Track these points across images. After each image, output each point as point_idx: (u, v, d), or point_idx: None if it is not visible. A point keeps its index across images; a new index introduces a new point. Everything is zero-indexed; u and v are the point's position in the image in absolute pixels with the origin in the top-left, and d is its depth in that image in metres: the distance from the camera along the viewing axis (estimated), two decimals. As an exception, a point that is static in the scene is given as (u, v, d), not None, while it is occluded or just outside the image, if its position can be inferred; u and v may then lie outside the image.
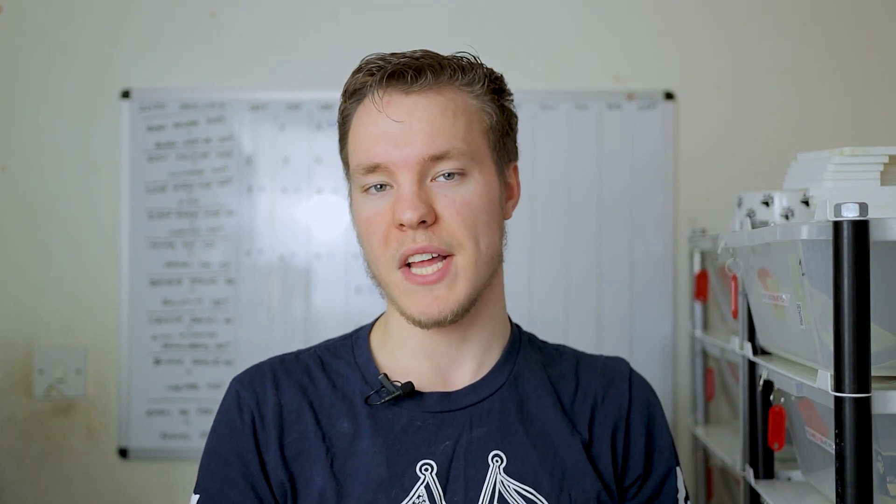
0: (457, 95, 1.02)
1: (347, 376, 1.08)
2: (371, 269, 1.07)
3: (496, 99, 1.06)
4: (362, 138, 1.02)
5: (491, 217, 1.03)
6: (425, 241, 0.98)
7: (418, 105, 1.00)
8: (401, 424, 1.04)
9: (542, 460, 1.04)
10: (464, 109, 1.02)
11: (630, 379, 1.13)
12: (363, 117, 1.02)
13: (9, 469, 2.14)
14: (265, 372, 1.09)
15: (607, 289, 2.15)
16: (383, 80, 1.00)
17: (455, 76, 1.02)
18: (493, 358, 1.10)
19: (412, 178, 0.99)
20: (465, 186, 1.00)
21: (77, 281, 2.16)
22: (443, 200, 1.00)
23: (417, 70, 1.00)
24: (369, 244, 1.03)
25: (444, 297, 1.00)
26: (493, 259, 1.04)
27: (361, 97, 1.03)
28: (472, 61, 1.05)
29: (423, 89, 1.00)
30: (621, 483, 1.08)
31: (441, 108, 1.00)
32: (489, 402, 1.07)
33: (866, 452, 1.04)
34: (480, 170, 1.02)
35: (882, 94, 2.17)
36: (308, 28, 2.18)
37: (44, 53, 2.17)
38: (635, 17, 2.18)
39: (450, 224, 0.99)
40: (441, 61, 1.02)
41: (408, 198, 0.98)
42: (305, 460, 1.03)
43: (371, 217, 1.02)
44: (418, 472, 1.02)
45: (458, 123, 1.00)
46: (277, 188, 2.17)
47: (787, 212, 1.51)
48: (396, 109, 1.00)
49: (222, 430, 1.06)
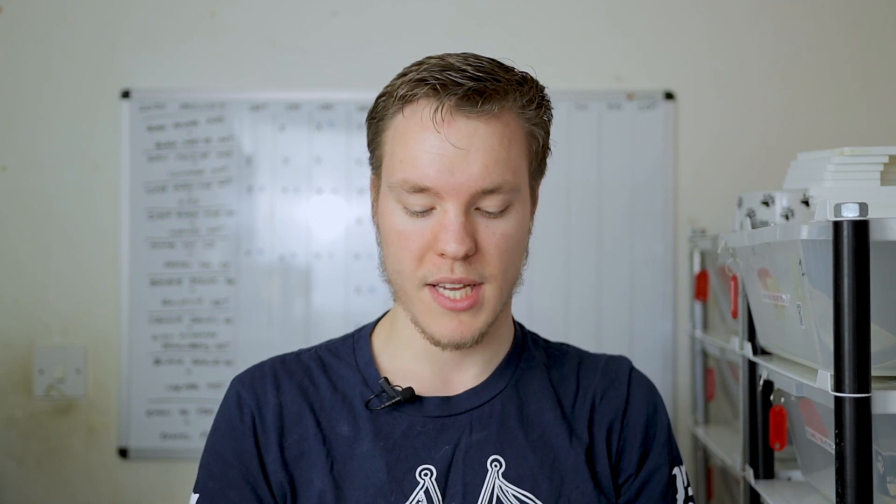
0: (513, 120, 0.99)
1: (348, 378, 1.08)
2: (390, 276, 1.03)
3: (544, 122, 1.04)
4: (414, 153, 0.96)
5: (521, 244, 1.03)
6: (463, 274, 0.97)
7: (479, 130, 0.96)
8: (401, 429, 1.04)
9: (540, 465, 1.04)
10: (518, 136, 1.00)
11: (630, 378, 1.12)
12: (416, 129, 0.97)
13: (9, 469, 2.14)
14: (266, 372, 1.08)
15: (607, 289, 2.15)
16: (449, 100, 0.95)
17: (515, 101, 0.99)
18: (496, 362, 1.09)
19: (460, 208, 0.96)
20: (506, 219, 0.99)
21: (77, 281, 2.16)
22: (485, 232, 0.98)
23: (484, 96, 0.96)
24: (398, 257, 1.00)
25: (468, 323, 0.99)
26: (514, 283, 1.04)
27: (410, 101, 0.98)
28: (529, 80, 1.02)
29: (486, 114, 0.96)
30: (616, 482, 1.07)
31: (499, 137, 0.97)
32: (490, 406, 1.06)
33: (866, 452, 1.04)
34: (520, 199, 1.01)
35: (882, 95, 2.17)
36: (308, 28, 2.18)
37: (44, 53, 2.17)
38: (635, 17, 2.18)
39: (486, 258, 0.98)
40: (505, 86, 0.98)
41: (456, 230, 0.95)
42: (305, 462, 1.03)
43: (406, 233, 0.98)
44: (418, 478, 1.02)
45: (512, 152, 0.98)
46: (277, 188, 2.17)
47: (787, 212, 1.51)
48: (457, 133, 0.95)
49: (222, 431, 1.06)
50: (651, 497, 1.07)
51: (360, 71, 2.16)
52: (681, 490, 1.09)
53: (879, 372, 1.15)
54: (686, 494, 1.10)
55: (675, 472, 1.10)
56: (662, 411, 1.12)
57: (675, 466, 1.10)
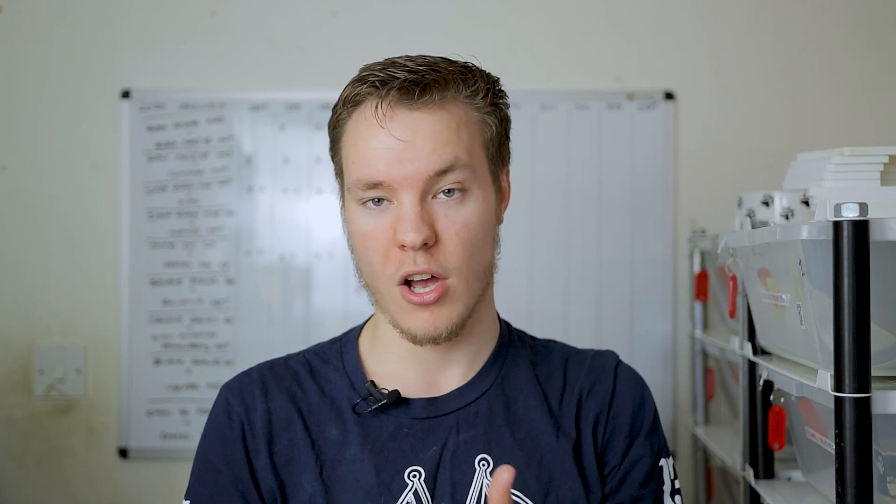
0: (459, 109, 1.00)
1: (336, 382, 1.08)
2: (365, 279, 1.04)
3: (496, 109, 1.04)
4: (363, 152, 0.99)
5: (486, 233, 1.03)
6: (426, 265, 0.97)
7: (422, 121, 0.98)
8: (388, 432, 1.04)
9: (528, 462, 1.04)
10: (466, 122, 1.00)
11: (616, 371, 1.12)
12: (363, 128, 0.99)
13: (9, 469, 2.14)
14: (254, 378, 1.09)
15: (607, 289, 2.15)
16: (388, 95, 0.97)
17: (459, 90, 1.00)
18: (481, 361, 1.10)
19: (415, 198, 0.97)
20: (465, 205, 0.99)
21: (77, 281, 2.16)
22: (444, 221, 0.98)
23: (423, 86, 0.97)
24: (367, 258, 1.01)
25: (438, 315, 0.99)
26: (485, 275, 1.04)
27: (359, 104, 1.01)
28: (473, 69, 1.03)
29: (427, 105, 0.98)
30: (601, 474, 1.07)
31: (445, 123, 0.98)
32: (476, 405, 1.07)
33: (866, 452, 1.04)
34: (479, 184, 1.01)
35: (881, 95, 2.17)
36: (308, 28, 2.18)
37: (44, 53, 2.17)
38: (635, 18, 2.18)
39: (448, 247, 0.98)
40: (446, 76, 0.99)
41: (411, 219, 0.96)
42: (295, 467, 1.03)
43: (369, 233, 1.00)
44: (406, 479, 1.02)
45: (462, 136, 0.99)
46: (277, 188, 2.17)
47: (787, 212, 1.51)
48: (400, 126, 0.97)
49: (212, 438, 1.07)
50: (632, 485, 1.07)
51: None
52: (667, 482, 1.09)
53: (879, 372, 1.15)
54: (672, 487, 1.09)
55: (661, 464, 1.09)
56: (650, 403, 1.12)
57: (661, 458, 1.10)
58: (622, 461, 1.08)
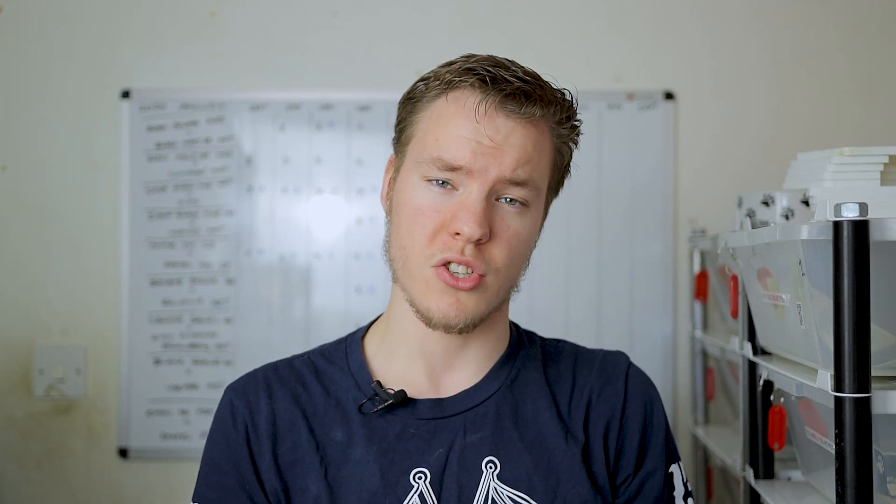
0: (547, 131, 1.03)
1: (341, 383, 1.08)
2: (395, 253, 1.04)
3: (572, 142, 1.08)
4: (451, 135, 0.99)
5: (528, 249, 1.06)
6: (472, 258, 0.98)
7: (516, 131, 0.99)
8: (394, 432, 1.04)
9: (536, 466, 1.03)
10: (549, 146, 1.03)
11: (627, 375, 1.12)
12: (456, 114, 1.00)
13: (9, 469, 2.14)
14: (258, 380, 1.09)
15: (607, 289, 2.15)
16: (496, 96, 0.98)
17: (554, 114, 1.02)
18: (489, 365, 1.09)
19: (484, 193, 0.98)
20: (521, 218, 1.02)
21: (77, 281, 2.16)
22: (500, 224, 1.00)
23: (530, 100, 0.99)
24: (410, 232, 1.01)
25: (465, 303, 1.00)
26: (511, 287, 1.06)
27: (454, 88, 1.00)
28: (570, 100, 1.06)
29: (526, 117, 1.00)
30: (614, 482, 1.07)
31: (533, 140, 1.00)
32: (483, 407, 1.06)
33: (866, 452, 1.04)
34: (537, 205, 1.04)
35: (881, 95, 2.17)
36: (308, 28, 2.19)
37: (44, 53, 2.17)
38: (635, 18, 2.18)
39: (496, 248, 1.00)
40: (550, 97, 1.02)
41: (476, 212, 0.97)
42: (300, 469, 1.03)
43: (424, 209, 1.00)
44: (412, 481, 1.02)
45: (543, 159, 1.02)
46: (277, 188, 2.17)
47: (787, 212, 1.51)
48: (494, 128, 0.98)
49: (217, 440, 1.07)
50: (648, 497, 1.07)
51: (360, 71, 2.16)
52: (679, 486, 1.09)
53: (879, 372, 1.15)
54: (685, 490, 1.10)
55: (671, 470, 1.10)
56: (660, 409, 1.12)
57: (672, 464, 1.10)
58: (637, 470, 1.08)
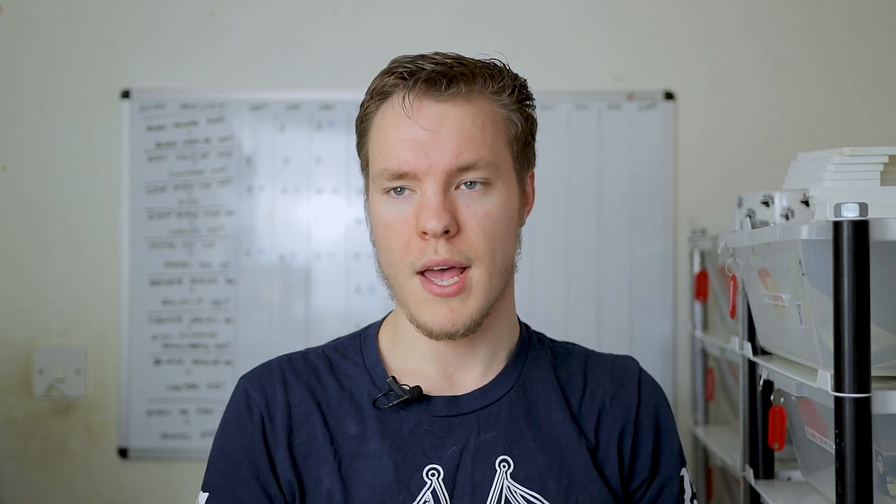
0: (486, 104, 1.01)
1: (355, 377, 1.08)
2: (384, 271, 1.05)
3: (522, 107, 1.06)
4: (390, 142, 1.00)
5: (509, 228, 1.03)
6: (447, 254, 0.98)
7: (448, 114, 0.99)
8: (408, 428, 1.04)
9: (549, 465, 1.04)
10: (492, 119, 1.02)
11: (639, 380, 1.12)
12: (390, 120, 1.01)
13: (9, 469, 2.14)
14: (274, 371, 1.08)
15: (607, 289, 2.15)
16: (416, 86, 0.98)
17: (486, 85, 1.01)
18: (501, 361, 1.09)
19: (438, 187, 0.98)
20: (487, 198, 1.00)
21: (77, 281, 2.16)
22: (466, 211, 0.99)
23: (450, 78, 0.98)
24: (388, 248, 1.02)
25: (458, 309, 0.99)
26: (506, 271, 1.04)
27: (387, 97, 1.02)
28: (501, 68, 1.05)
29: (454, 97, 0.99)
30: (627, 487, 1.08)
31: (471, 118, 0.99)
32: (497, 406, 1.06)
33: (866, 452, 1.04)
34: (503, 180, 1.02)
35: (881, 95, 2.17)
36: (308, 28, 2.19)
37: (44, 53, 2.17)
38: (635, 18, 2.18)
39: (470, 236, 0.99)
40: (473, 69, 1.01)
41: (433, 206, 0.97)
42: (314, 462, 1.03)
43: (392, 222, 1.01)
44: (425, 477, 1.02)
45: (487, 133, 1.00)
46: (277, 188, 2.17)
47: (787, 212, 1.51)
48: (426, 117, 0.98)
49: (231, 429, 1.06)
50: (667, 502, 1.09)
51: (360, 71, 2.14)
52: (688, 489, 1.11)
53: (879, 372, 1.15)
54: (692, 492, 1.12)
55: (682, 474, 1.11)
56: (670, 414, 1.13)
57: (682, 468, 1.12)
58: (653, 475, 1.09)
